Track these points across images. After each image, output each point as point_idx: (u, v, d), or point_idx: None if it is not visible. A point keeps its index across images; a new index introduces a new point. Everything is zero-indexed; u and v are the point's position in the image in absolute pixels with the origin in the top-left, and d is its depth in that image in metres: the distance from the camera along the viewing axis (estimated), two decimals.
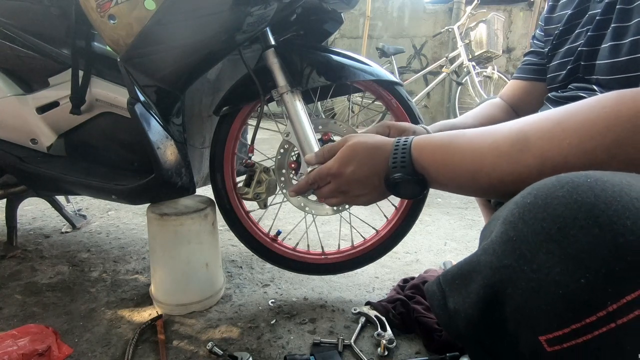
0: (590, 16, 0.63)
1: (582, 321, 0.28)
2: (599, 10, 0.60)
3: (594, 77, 0.60)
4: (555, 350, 0.30)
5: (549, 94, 0.72)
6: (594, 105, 0.39)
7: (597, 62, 0.59)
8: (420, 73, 3.97)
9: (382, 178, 0.55)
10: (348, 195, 0.60)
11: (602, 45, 0.58)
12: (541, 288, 0.30)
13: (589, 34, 0.61)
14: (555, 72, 0.71)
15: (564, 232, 0.29)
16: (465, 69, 3.41)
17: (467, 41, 3.44)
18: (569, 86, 0.67)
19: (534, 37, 0.83)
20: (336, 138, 0.94)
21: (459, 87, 3.49)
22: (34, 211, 1.67)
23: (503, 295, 0.33)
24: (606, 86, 0.58)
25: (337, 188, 0.60)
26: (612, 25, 0.55)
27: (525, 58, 0.85)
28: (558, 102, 0.68)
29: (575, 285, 0.28)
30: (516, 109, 0.87)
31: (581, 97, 0.61)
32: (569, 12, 0.68)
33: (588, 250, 0.28)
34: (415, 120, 0.98)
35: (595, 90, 0.60)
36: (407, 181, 0.52)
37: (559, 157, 0.40)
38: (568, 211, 0.30)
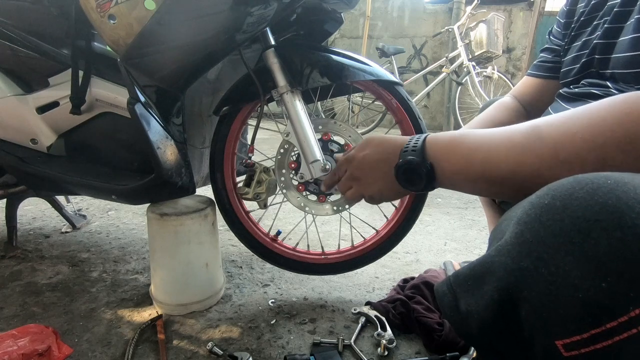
0: (610, 7, 0.60)
1: (602, 326, 0.27)
2: (618, 1, 0.58)
3: (609, 71, 0.59)
4: (573, 355, 0.29)
5: (560, 90, 0.70)
6: (605, 103, 0.40)
7: (614, 55, 0.57)
8: (420, 73, 3.96)
9: (393, 165, 0.56)
10: (361, 183, 0.63)
11: (621, 38, 0.56)
12: (559, 291, 0.29)
13: (605, 25, 0.59)
14: (568, 66, 0.69)
15: (584, 234, 0.28)
16: (465, 69, 3.40)
17: (467, 41, 3.43)
18: (582, 82, 0.65)
19: (550, 32, 0.81)
20: (336, 138, 0.94)
21: (459, 87, 3.48)
22: (34, 211, 1.67)
23: (518, 298, 0.32)
24: (622, 81, 0.56)
25: (351, 175, 0.64)
26: (636, 16, 0.54)
27: (541, 55, 0.83)
28: (569, 98, 0.66)
29: (595, 289, 0.27)
30: (528, 107, 0.84)
31: (593, 94, 0.60)
32: (592, 2, 0.66)
33: (610, 254, 0.27)
34: (415, 120, 0.98)
35: (609, 87, 0.58)
36: (416, 167, 0.52)
37: (570, 149, 0.40)
38: (589, 213, 0.29)
